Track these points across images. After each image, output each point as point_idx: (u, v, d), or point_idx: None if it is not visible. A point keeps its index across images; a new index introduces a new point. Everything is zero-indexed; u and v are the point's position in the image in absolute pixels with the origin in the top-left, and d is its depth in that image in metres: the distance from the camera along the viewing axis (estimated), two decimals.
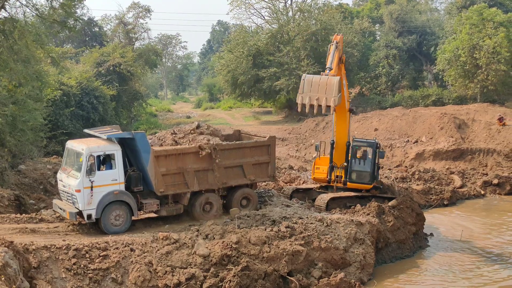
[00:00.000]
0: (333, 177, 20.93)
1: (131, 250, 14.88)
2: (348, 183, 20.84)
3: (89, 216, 16.18)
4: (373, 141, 21.69)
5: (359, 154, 20.93)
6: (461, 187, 27.67)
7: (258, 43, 53.59)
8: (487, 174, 28.88)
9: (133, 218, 17.11)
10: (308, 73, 48.66)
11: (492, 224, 22.16)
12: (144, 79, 62.77)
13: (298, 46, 51.93)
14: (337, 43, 19.72)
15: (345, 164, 20.77)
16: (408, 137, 33.82)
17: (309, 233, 16.62)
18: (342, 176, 20.92)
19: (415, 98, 51.45)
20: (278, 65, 51.70)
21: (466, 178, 28.84)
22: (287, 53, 52.39)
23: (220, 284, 14.61)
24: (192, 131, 18.88)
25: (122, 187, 16.62)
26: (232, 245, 15.45)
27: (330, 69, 18.82)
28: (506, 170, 29.08)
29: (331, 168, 20.94)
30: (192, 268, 14.76)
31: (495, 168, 29.10)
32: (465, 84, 46.70)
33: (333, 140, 21.07)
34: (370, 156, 20.92)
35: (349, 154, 20.92)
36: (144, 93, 55.38)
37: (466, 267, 17.98)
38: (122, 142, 17.00)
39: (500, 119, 32.93)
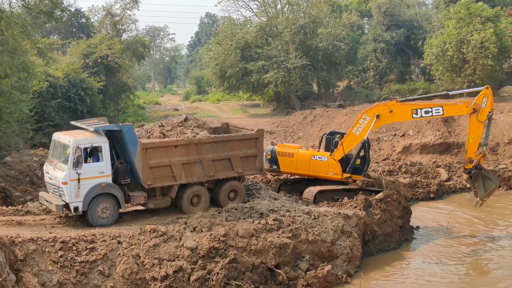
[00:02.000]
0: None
1: (118, 242, 14.85)
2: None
3: (76, 209, 16.11)
4: None
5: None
6: (447, 180, 27.87)
7: (246, 35, 53.45)
8: None
9: (120, 210, 17.07)
10: (296, 66, 49.28)
11: (477, 217, 22.34)
12: (131, 71, 62.43)
13: (287, 40, 51.89)
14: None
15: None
16: (395, 130, 33.95)
17: (296, 226, 16.69)
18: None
19: (402, 91, 51.65)
20: (266, 58, 51.64)
21: (452, 171, 29.04)
22: (275, 46, 52.33)
23: (208, 276, 14.63)
24: (180, 124, 18.84)
25: (109, 179, 16.56)
26: (220, 237, 15.47)
27: None
28: (491, 164, 29.27)
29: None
30: (179, 260, 14.75)
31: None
32: (452, 78, 46.99)
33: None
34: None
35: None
36: (131, 85, 55.04)
37: (451, 259, 18.16)
38: (110, 134, 16.92)
39: None
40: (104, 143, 16.50)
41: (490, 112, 20.12)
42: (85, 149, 16.20)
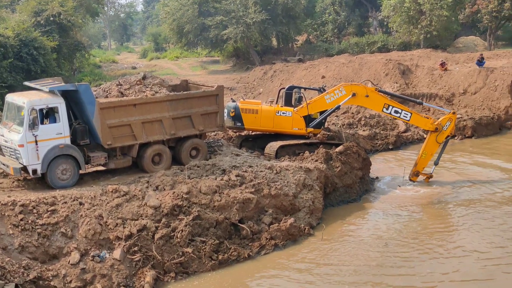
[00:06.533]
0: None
1: (80, 204, 14.72)
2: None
3: (35, 171, 15.83)
4: None
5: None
6: (405, 131, 28.49)
7: None
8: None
9: (80, 172, 16.85)
10: (255, 21, 48.65)
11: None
12: (86, 29, 60.48)
13: None
14: None
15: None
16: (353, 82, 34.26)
17: (259, 181, 16.87)
18: None
19: (361, 45, 51.88)
20: (224, 13, 50.75)
21: None
22: (233, 0, 51.41)
23: (172, 234, 14.73)
24: (138, 82, 18.51)
25: (67, 140, 16.25)
26: (183, 195, 15.52)
27: None
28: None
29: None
30: (143, 219, 14.77)
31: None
32: (409, 30, 47.43)
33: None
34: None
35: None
36: (86, 43, 53.34)
37: (409, 207, 18.76)
38: (66, 94, 16.51)
39: (442, 64, 33.71)
40: (60, 104, 16.10)
41: (448, 136, 20.76)
42: (41, 110, 15.78)
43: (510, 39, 54.59)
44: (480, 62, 32.45)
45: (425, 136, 27.41)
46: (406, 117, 20.71)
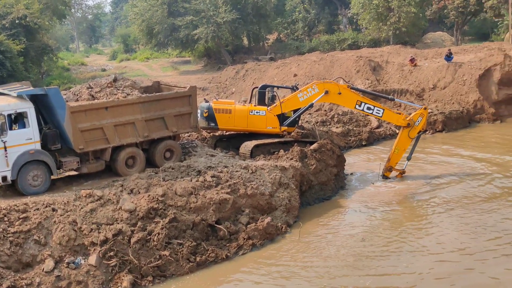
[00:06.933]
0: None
1: (53, 210, 14.41)
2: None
3: (4, 178, 15.50)
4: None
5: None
6: (378, 127, 28.74)
7: None
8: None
9: (52, 177, 16.53)
10: (226, 20, 48.50)
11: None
12: (53, 31, 59.46)
13: None
14: None
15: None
16: (325, 79, 34.40)
17: (235, 181, 16.79)
18: None
19: (331, 42, 52.23)
20: (194, 13, 50.50)
21: None
22: (203, 0, 51.18)
23: (149, 237, 14.53)
24: (109, 85, 18.24)
25: (38, 146, 15.93)
26: (158, 198, 15.34)
27: None
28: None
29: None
30: (118, 223, 14.53)
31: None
32: (379, 27, 47.95)
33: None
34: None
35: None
36: (54, 46, 52.52)
37: (384, 202, 18.90)
38: (35, 99, 16.18)
39: (412, 60, 34.14)
40: (29, 109, 15.77)
41: (420, 131, 21.01)
42: (9, 115, 15.44)
43: (476, 34, 55.66)
44: (448, 57, 32.94)
45: (397, 131, 27.73)
46: (379, 113, 20.87)
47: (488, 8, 45.89)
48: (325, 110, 31.85)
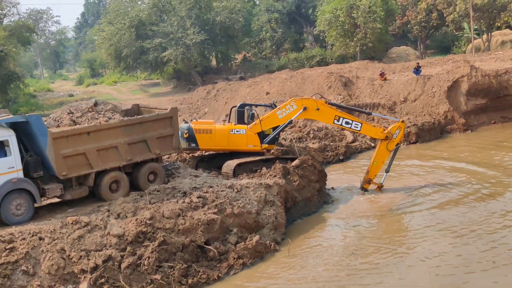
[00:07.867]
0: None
1: (40, 239, 14.08)
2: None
3: None
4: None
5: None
6: (353, 141, 29.20)
7: (140, 13, 51.94)
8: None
9: (35, 205, 16.19)
10: (195, 42, 48.68)
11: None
12: (17, 58, 58.60)
13: (183, 15, 51.07)
14: None
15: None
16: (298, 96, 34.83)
17: (221, 201, 16.73)
18: None
19: (300, 60, 52.99)
20: (163, 35, 50.59)
21: (357, 133, 30.38)
22: (171, 22, 51.34)
23: (139, 262, 14.32)
24: (90, 109, 18.07)
25: (20, 174, 15.62)
26: (146, 221, 15.17)
27: None
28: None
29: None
30: (107, 249, 14.29)
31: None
32: (346, 43, 48.88)
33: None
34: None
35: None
36: (20, 73, 51.77)
37: (368, 215, 19.13)
38: (15, 126, 15.88)
39: (382, 74, 34.88)
40: (10, 137, 15.50)
41: (398, 144, 21.47)
42: None
43: (437, 47, 57.35)
44: (417, 70, 33.78)
45: (372, 145, 28.29)
46: (357, 127, 21.19)
47: (450, 22, 47.40)
48: (300, 127, 32.16)
